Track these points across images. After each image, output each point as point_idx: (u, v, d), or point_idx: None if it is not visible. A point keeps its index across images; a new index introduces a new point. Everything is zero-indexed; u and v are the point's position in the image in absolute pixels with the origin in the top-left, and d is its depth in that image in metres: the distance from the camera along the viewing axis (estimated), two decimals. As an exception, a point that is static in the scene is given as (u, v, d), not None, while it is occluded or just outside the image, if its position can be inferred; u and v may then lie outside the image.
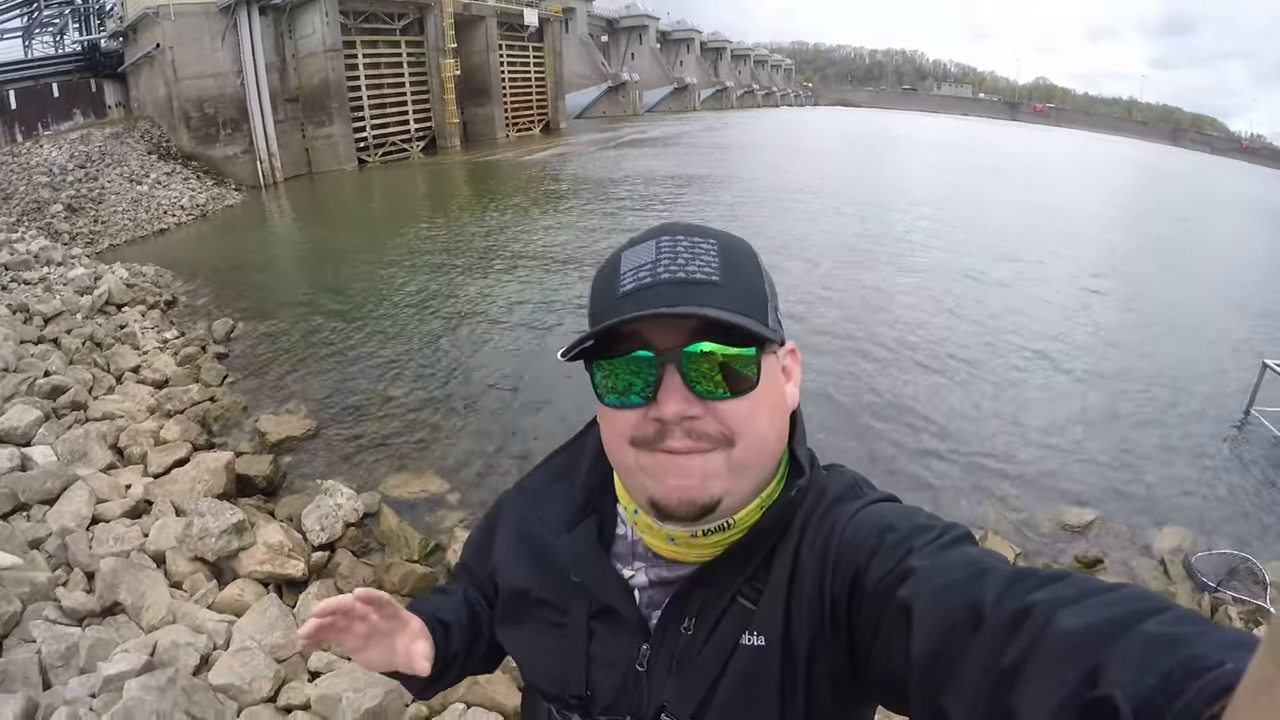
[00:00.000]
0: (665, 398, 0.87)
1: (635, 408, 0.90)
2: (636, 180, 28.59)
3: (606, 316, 0.89)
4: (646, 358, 0.88)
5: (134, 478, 6.83)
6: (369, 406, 9.29)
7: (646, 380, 0.88)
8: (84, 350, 9.94)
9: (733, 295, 0.88)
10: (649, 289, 0.88)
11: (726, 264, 0.90)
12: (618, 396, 0.91)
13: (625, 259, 0.93)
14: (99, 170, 23.66)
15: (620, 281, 0.91)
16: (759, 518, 0.94)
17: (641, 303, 0.87)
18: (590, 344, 0.90)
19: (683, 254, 0.90)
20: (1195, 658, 0.48)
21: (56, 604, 4.36)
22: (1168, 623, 0.54)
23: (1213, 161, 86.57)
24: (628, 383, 0.90)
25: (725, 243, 0.93)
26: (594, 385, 0.93)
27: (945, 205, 26.24)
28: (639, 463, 0.92)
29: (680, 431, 0.88)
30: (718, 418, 0.88)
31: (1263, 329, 14.43)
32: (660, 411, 0.88)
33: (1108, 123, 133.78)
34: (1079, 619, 0.57)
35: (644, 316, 0.85)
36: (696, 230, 0.94)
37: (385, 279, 15.25)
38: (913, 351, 11.59)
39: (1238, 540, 7.03)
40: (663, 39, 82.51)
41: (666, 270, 0.88)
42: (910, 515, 0.87)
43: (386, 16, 35.79)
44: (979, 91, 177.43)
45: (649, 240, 0.93)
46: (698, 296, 0.86)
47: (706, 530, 0.93)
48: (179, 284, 14.81)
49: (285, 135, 30.65)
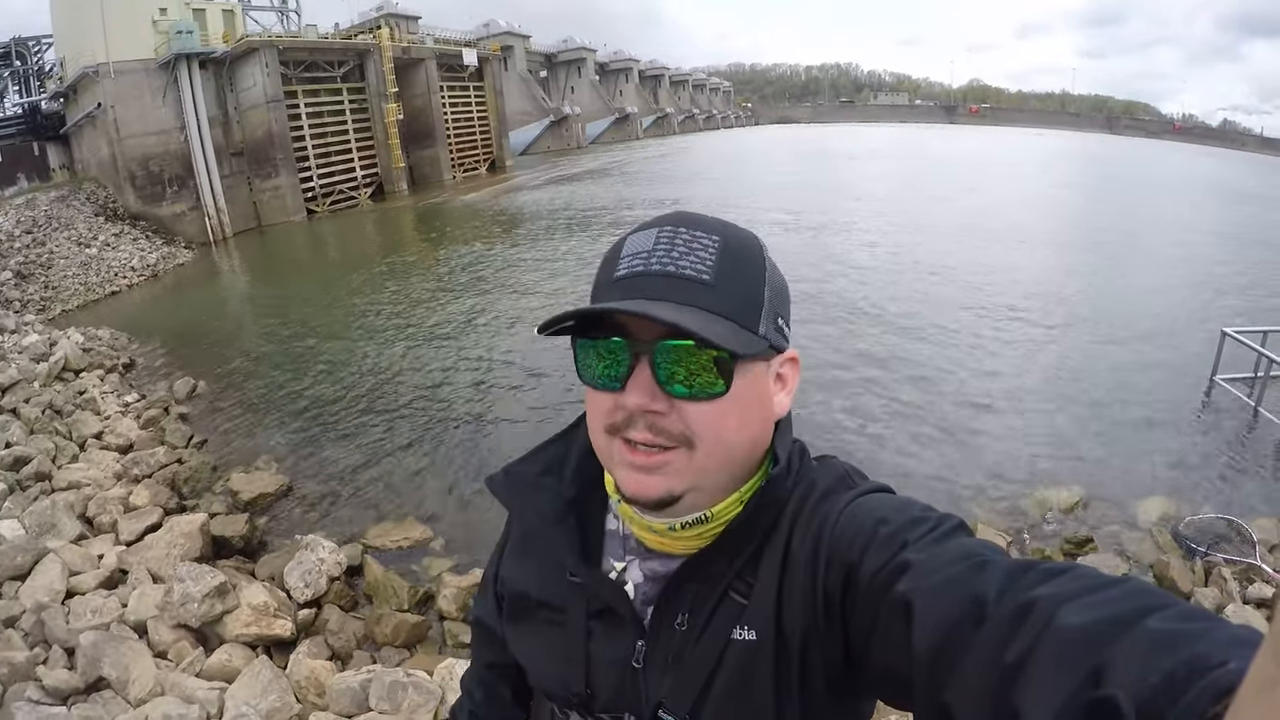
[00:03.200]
0: (632, 387, 0.87)
1: (609, 391, 0.89)
2: (584, 211, 28.92)
3: (598, 297, 0.90)
4: (620, 345, 0.87)
5: (106, 547, 6.65)
6: (340, 457, 9.16)
7: (619, 367, 0.88)
8: (44, 419, 9.67)
9: (721, 297, 0.87)
10: (639, 277, 0.87)
11: (724, 262, 0.88)
12: (594, 377, 0.91)
13: (628, 244, 0.92)
14: (46, 235, 23.24)
15: (618, 265, 0.90)
16: (739, 510, 0.93)
17: (629, 290, 0.87)
18: (570, 324, 0.89)
19: (679, 246, 0.88)
20: (1198, 656, 0.48)
21: (38, 684, 4.18)
22: (1171, 619, 0.53)
23: (1148, 145, 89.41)
24: (603, 366, 0.89)
25: (729, 239, 0.91)
26: (575, 361, 0.93)
27: (894, 208, 27.07)
28: (608, 448, 0.92)
29: (643, 424, 0.87)
30: (682, 417, 0.87)
31: (1218, 300, 15.00)
32: (624, 400, 0.87)
33: (1042, 118, 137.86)
34: (1082, 615, 0.57)
35: (607, 310, 0.85)
36: (703, 223, 0.92)
37: (342, 328, 15.13)
38: (881, 347, 11.83)
39: (1219, 503, 7.23)
40: (601, 70, 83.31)
41: (659, 261, 0.87)
42: (904, 507, 0.86)
43: (326, 64, 35.80)
44: (915, 98, 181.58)
45: (653, 228, 0.92)
46: (684, 293, 0.85)
47: (685, 523, 0.93)
48: (135, 346, 14.56)
49: (232, 189, 30.36)
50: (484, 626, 1.29)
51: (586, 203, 31.53)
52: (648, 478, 0.88)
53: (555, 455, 1.11)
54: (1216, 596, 5.60)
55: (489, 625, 1.26)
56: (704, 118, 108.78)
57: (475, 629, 1.34)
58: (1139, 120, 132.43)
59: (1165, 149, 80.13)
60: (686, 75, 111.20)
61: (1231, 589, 5.63)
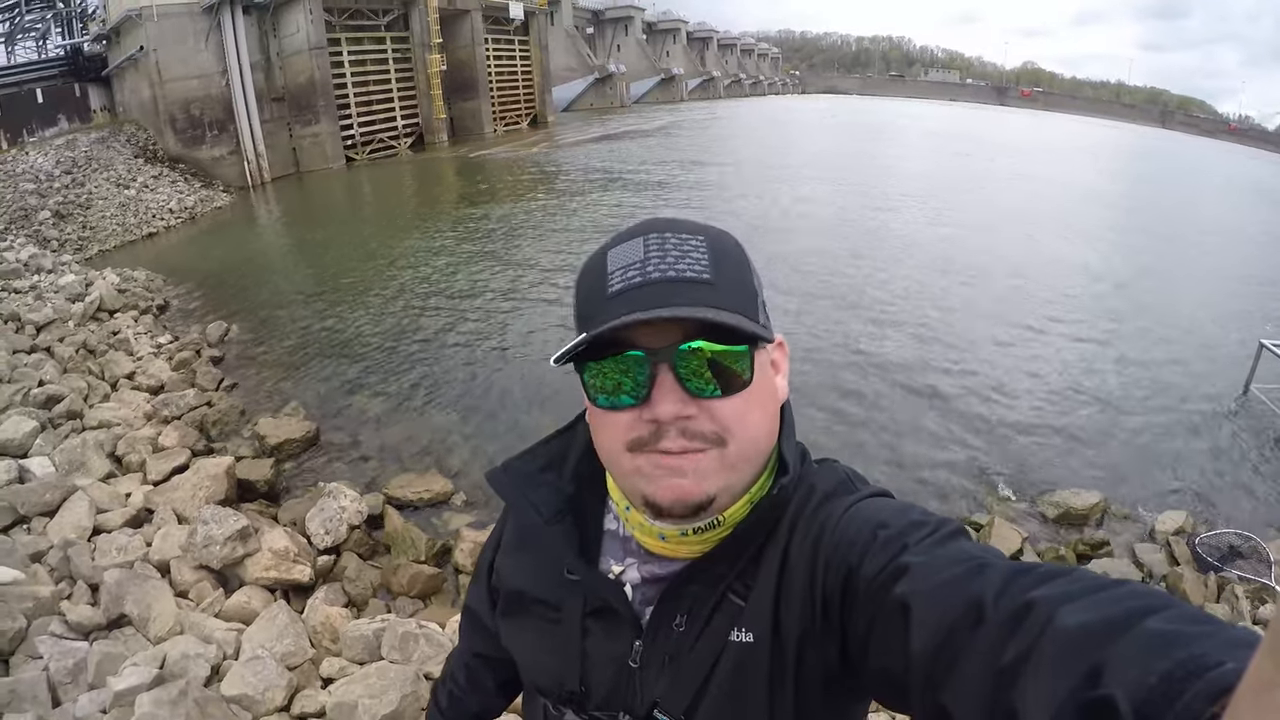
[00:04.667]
0: (660, 398, 0.86)
1: (627, 409, 0.88)
2: (626, 171, 28.65)
3: (596, 317, 0.88)
4: (639, 357, 0.86)
5: (133, 486, 6.78)
6: (368, 407, 9.24)
7: (638, 380, 0.87)
8: (78, 358, 9.84)
9: (725, 293, 0.87)
10: (639, 289, 0.86)
11: (716, 261, 0.89)
12: (608, 397, 0.89)
13: (612, 258, 0.91)
14: (86, 176, 23.39)
15: (609, 281, 0.89)
16: (747, 513, 0.94)
17: (634, 303, 0.85)
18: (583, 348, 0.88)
19: (672, 251, 0.88)
20: (1196, 657, 0.48)
21: (62, 618, 4.27)
22: (1169, 620, 0.53)
23: (1201, 143, 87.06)
24: (618, 383, 0.88)
25: (713, 239, 0.92)
26: (584, 386, 0.92)
27: (951, 185, 26.65)
28: (635, 466, 0.90)
29: (675, 431, 0.87)
30: (712, 417, 0.87)
31: (1259, 309, 14.51)
32: (655, 412, 0.86)
33: (1095, 106, 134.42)
34: (1080, 616, 0.56)
35: (645, 319, 0.83)
36: (683, 226, 0.92)
37: (377, 278, 15.17)
38: (907, 337, 11.64)
39: (1241, 519, 7.10)
40: (649, 30, 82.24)
41: (656, 269, 0.87)
42: (903, 511, 0.87)
43: (371, 13, 35.47)
44: (966, 77, 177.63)
45: (635, 238, 0.91)
46: (690, 295, 0.85)
47: (697, 529, 0.93)
48: (170, 288, 14.69)
49: (272, 135, 30.37)
50: (474, 615, 1.31)
51: (629, 163, 31.29)
52: (685, 482, 0.88)
53: (555, 452, 1.11)
54: (1227, 614, 5.50)
55: (479, 615, 1.28)
56: (750, 83, 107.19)
57: (466, 616, 1.36)
58: (1193, 117, 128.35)
59: (1218, 148, 77.91)
60: (735, 39, 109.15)
61: (1243, 608, 5.55)
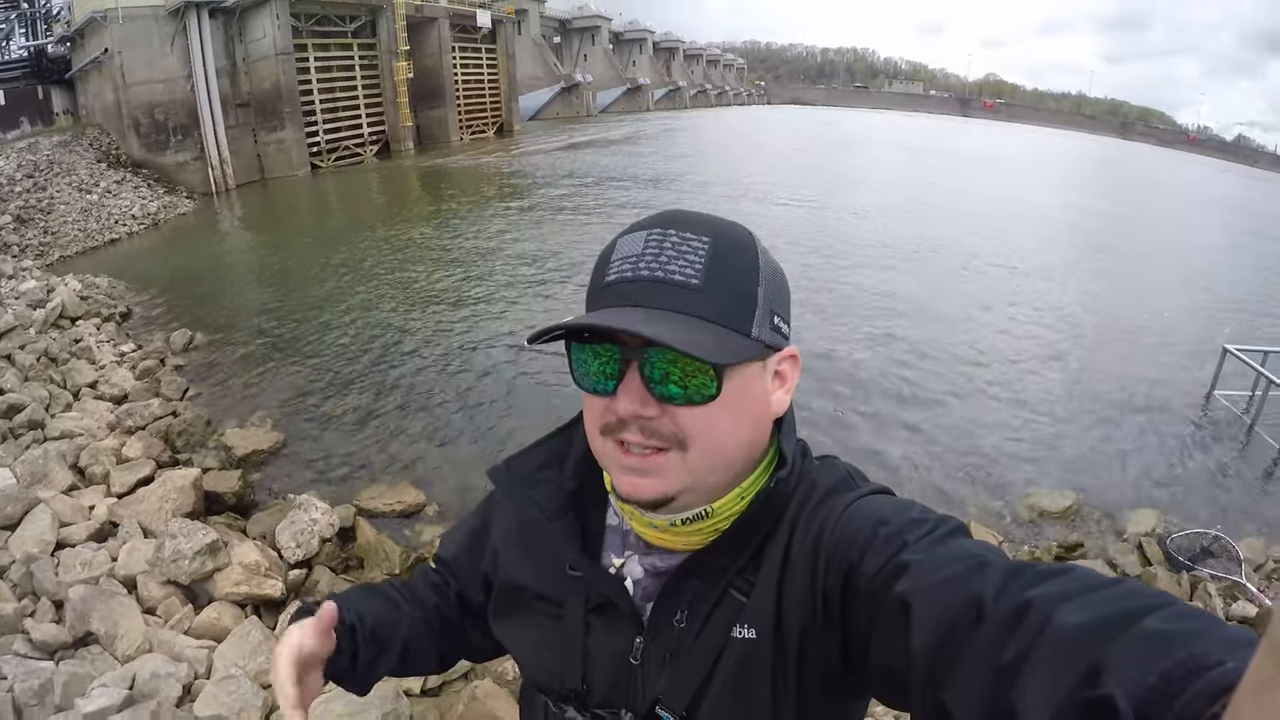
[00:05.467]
0: (622, 393, 0.88)
1: (601, 395, 0.90)
2: (592, 182, 28.61)
3: (591, 301, 0.92)
4: (611, 351, 0.88)
5: (97, 499, 6.59)
6: (336, 416, 9.11)
7: (610, 372, 0.89)
8: (39, 366, 9.59)
9: (713, 301, 0.87)
10: (627, 283, 0.88)
11: (713, 265, 0.88)
12: (587, 381, 0.92)
13: (619, 246, 0.92)
14: (48, 180, 22.90)
15: (608, 269, 0.91)
16: (744, 508, 0.94)
17: (618, 296, 0.88)
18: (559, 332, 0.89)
19: (668, 250, 0.88)
20: (1195, 656, 0.48)
21: (26, 637, 4.15)
22: (1168, 619, 0.54)
23: (1160, 153, 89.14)
24: (596, 371, 0.90)
25: (721, 239, 0.90)
26: (570, 366, 0.94)
27: (904, 196, 26.93)
28: (604, 449, 0.93)
29: (635, 427, 0.88)
30: (673, 419, 0.87)
31: (1222, 315, 14.94)
32: (615, 407, 0.88)
33: (1057, 117, 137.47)
34: (1079, 615, 0.57)
35: (594, 326, 0.85)
36: (693, 223, 0.91)
37: (343, 286, 14.98)
38: (875, 342, 11.79)
39: (1209, 519, 7.27)
40: (615, 40, 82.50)
41: (647, 267, 0.88)
42: (904, 509, 0.87)
43: (338, 19, 35.18)
44: (930, 88, 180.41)
45: (642, 230, 0.92)
46: (668, 299, 0.86)
47: (686, 519, 0.93)
48: (133, 295, 14.39)
49: (237, 141, 29.94)
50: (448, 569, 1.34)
51: (594, 172, 31.27)
52: (642, 479, 0.89)
53: (556, 449, 1.11)
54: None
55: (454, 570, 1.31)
56: (716, 93, 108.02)
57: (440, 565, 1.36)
58: (1153, 128, 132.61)
59: (1177, 159, 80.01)
60: (701, 50, 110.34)
61: (1215, 605, 5.67)
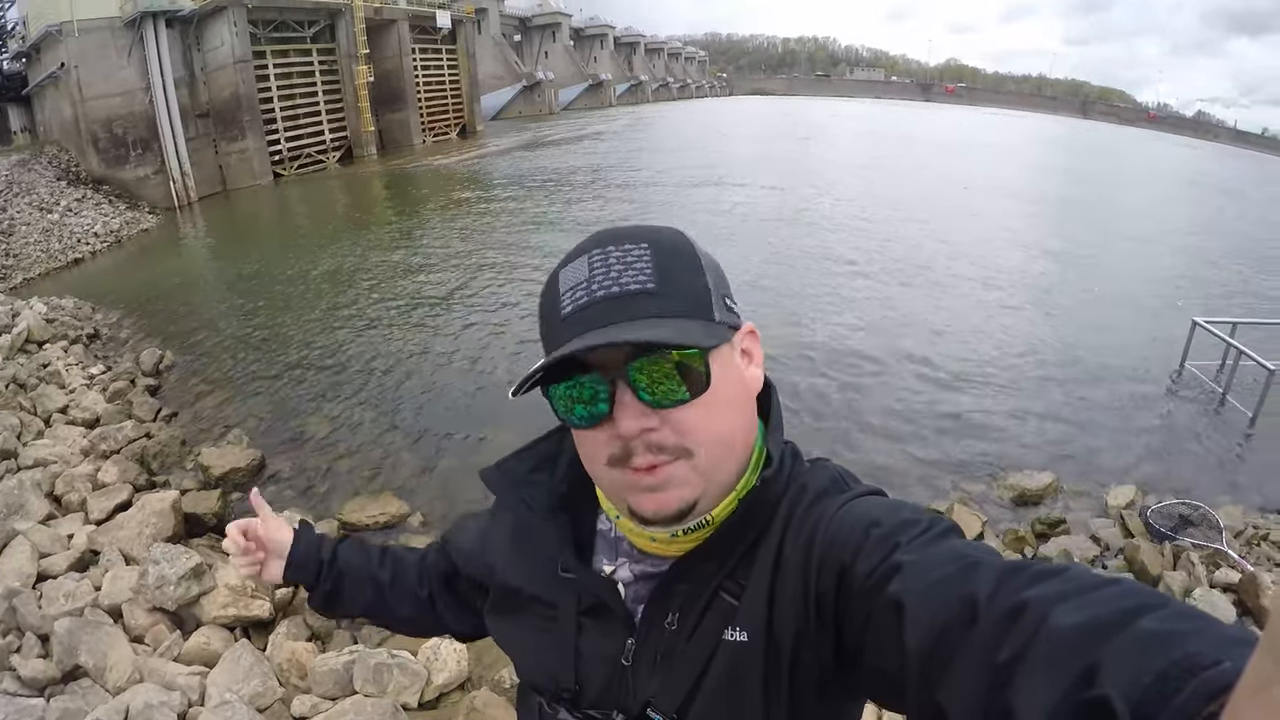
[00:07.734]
0: (621, 414, 0.87)
1: (597, 426, 0.90)
2: (556, 178, 28.73)
3: (552, 342, 0.90)
4: (594, 379, 0.88)
5: (76, 527, 6.52)
6: (313, 430, 9.06)
7: (600, 399, 0.88)
8: (8, 394, 9.42)
9: (672, 298, 0.88)
10: (586, 309, 0.88)
11: (661, 267, 0.89)
12: (578, 418, 0.91)
13: (563, 278, 0.92)
14: (7, 201, 22.50)
15: (561, 304, 0.91)
16: (734, 510, 0.95)
17: (582, 323, 0.87)
18: (541, 375, 0.89)
19: (615, 265, 0.89)
20: (1192, 656, 0.48)
21: (14, 674, 4.11)
22: (1164, 619, 0.54)
23: (1120, 131, 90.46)
24: (586, 403, 0.90)
25: (658, 242, 0.92)
26: (554, 410, 0.93)
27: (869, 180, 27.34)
28: (613, 480, 0.92)
29: (642, 447, 0.88)
30: (674, 428, 0.88)
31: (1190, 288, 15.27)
32: (618, 429, 0.88)
33: (1019, 99, 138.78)
34: (1075, 615, 0.57)
35: (568, 355, 0.85)
36: (627, 235, 0.93)
37: (312, 297, 14.89)
38: (847, 328, 11.95)
39: (1187, 489, 7.40)
40: (576, 36, 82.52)
41: (601, 286, 0.88)
42: (895, 510, 0.87)
43: (296, 24, 34.85)
44: (891, 75, 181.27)
45: (581, 256, 0.92)
46: (632, 309, 0.87)
47: (687, 529, 0.94)
48: (100, 316, 14.18)
49: (198, 152, 29.55)
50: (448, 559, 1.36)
51: (558, 169, 31.31)
52: (664, 493, 0.90)
53: (547, 452, 1.12)
54: (1185, 580, 5.73)
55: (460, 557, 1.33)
56: (678, 87, 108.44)
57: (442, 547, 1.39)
58: (1113, 106, 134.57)
59: (1138, 136, 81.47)
60: (662, 43, 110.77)
61: (1199, 573, 5.78)
